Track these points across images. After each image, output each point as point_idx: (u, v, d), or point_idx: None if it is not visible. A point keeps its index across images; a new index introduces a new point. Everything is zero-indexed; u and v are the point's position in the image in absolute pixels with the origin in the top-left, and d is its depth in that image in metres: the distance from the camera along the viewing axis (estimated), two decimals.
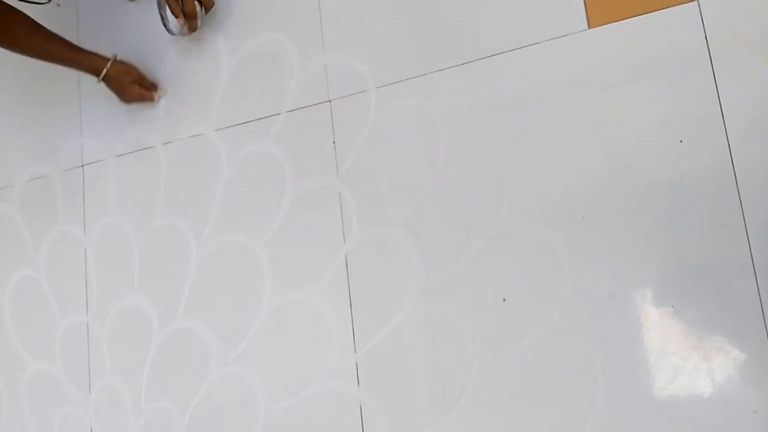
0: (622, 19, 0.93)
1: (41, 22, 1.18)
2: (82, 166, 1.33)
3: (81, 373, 1.27)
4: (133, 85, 1.23)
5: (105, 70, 1.21)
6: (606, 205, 0.91)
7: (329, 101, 1.11)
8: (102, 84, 1.23)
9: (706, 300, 0.87)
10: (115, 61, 1.22)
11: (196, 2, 1.14)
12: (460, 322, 0.96)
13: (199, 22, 1.17)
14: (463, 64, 1.03)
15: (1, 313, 1.39)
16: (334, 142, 1.10)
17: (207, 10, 1.19)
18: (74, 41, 1.22)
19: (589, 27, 0.95)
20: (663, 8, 0.91)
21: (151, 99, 1.26)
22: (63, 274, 1.32)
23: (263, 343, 1.10)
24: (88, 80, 1.33)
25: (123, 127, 1.29)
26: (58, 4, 1.36)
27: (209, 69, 1.21)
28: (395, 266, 1.02)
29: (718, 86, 0.88)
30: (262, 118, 1.15)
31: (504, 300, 0.94)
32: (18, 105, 1.44)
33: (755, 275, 0.84)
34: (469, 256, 0.97)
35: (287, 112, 1.14)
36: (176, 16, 1.14)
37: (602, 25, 0.95)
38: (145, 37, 1.29)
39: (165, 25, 1.16)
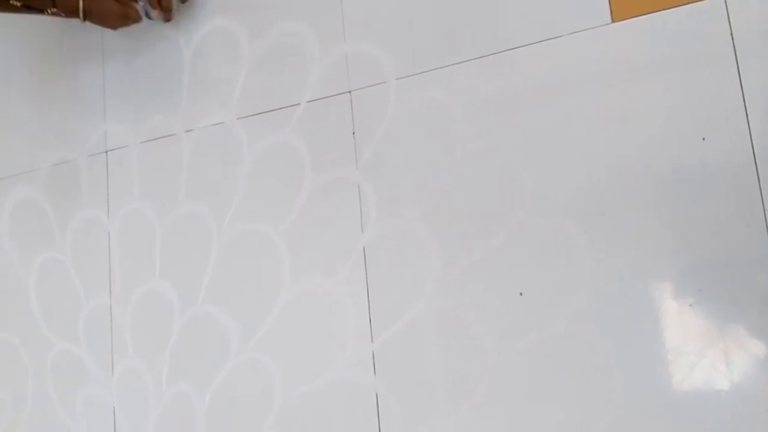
0: (647, 13, 0.92)
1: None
2: (106, 151, 1.35)
3: (104, 355, 1.30)
4: (111, 2, 1.21)
5: (81, 4, 1.18)
6: (626, 202, 0.91)
7: (349, 92, 1.11)
8: (89, 24, 1.22)
9: (726, 298, 0.86)
10: None
11: None
12: (477, 315, 0.97)
13: (173, 14, 1.26)
14: (484, 56, 1.02)
15: (27, 294, 1.42)
16: (353, 133, 1.10)
17: (183, 2, 1.26)
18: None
19: (613, 21, 0.94)
20: (689, 3, 0.90)
21: (135, 17, 1.24)
22: (87, 258, 1.35)
23: (282, 331, 1.12)
24: (113, 67, 1.36)
25: (146, 114, 1.31)
26: None
27: (230, 57, 1.22)
28: (413, 258, 1.03)
29: (742, 83, 0.87)
30: (283, 107, 1.16)
31: (521, 294, 0.95)
32: (42, 92, 1.46)
33: None
34: (487, 249, 0.98)
35: (307, 102, 1.14)
36: (153, 8, 1.23)
37: (626, 19, 0.93)
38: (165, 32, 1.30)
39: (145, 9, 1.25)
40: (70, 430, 1.33)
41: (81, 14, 1.20)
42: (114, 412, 1.28)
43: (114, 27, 1.26)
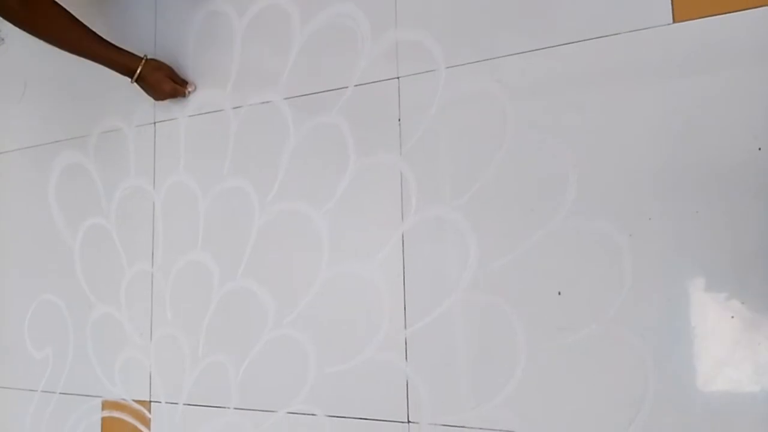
0: (710, 15, 0.90)
1: None
2: (154, 123, 1.38)
3: (143, 320, 1.34)
4: (166, 79, 1.28)
5: (139, 70, 1.25)
6: (674, 208, 0.89)
7: (398, 78, 1.11)
8: (135, 84, 1.28)
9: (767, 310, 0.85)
10: (148, 60, 1.27)
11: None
12: (512, 310, 0.98)
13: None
14: (538, 49, 1.01)
15: (71, 258, 1.47)
16: (399, 120, 1.10)
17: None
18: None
19: (674, 21, 0.92)
20: (755, 7, 0.87)
21: (183, 94, 1.31)
22: (132, 225, 1.39)
23: (317, 310, 1.14)
24: (164, 39, 1.38)
25: (195, 88, 1.33)
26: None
27: (282, 38, 1.23)
28: (451, 249, 1.03)
29: None
30: (331, 90, 1.16)
31: (559, 293, 0.95)
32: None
33: None
34: (528, 245, 0.97)
35: (355, 86, 1.14)
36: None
37: (688, 20, 0.91)
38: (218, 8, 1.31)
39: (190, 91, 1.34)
40: (107, 390, 1.38)
41: (135, 77, 1.26)
42: (150, 376, 1.32)
43: (157, 99, 1.32)
